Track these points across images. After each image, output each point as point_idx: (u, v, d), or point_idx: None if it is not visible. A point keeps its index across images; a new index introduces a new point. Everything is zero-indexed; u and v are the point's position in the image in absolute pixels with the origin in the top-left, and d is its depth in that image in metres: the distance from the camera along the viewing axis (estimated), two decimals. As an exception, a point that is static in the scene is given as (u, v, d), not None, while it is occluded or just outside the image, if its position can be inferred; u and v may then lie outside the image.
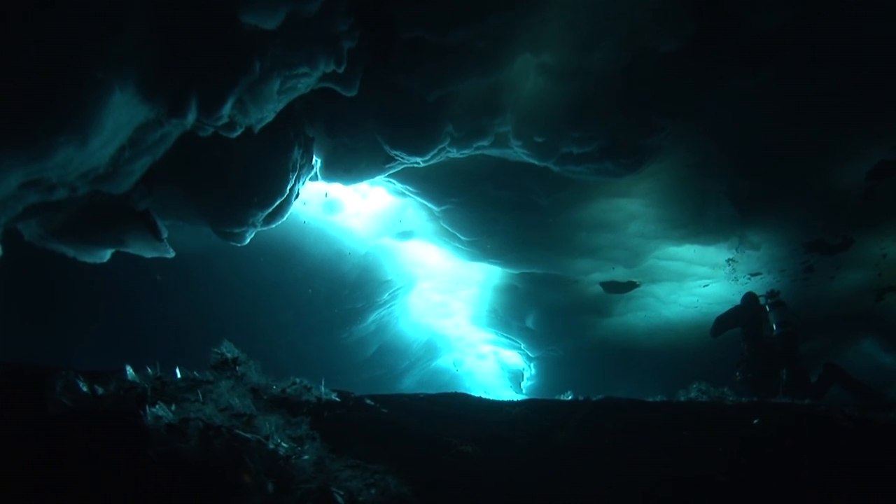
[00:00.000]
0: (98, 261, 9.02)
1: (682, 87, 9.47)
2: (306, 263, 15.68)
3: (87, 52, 4.86)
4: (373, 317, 18.91)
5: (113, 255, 9.22)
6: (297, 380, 3.94)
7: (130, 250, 9.21)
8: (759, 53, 9.03)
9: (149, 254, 9.44)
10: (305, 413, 3.21)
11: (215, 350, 3.68)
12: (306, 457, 2.55)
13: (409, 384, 23.53)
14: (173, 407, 2.53)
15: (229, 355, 3.66)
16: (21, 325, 12.40)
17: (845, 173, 11.68)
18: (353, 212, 15.91)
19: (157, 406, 2.47)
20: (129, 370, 3.03)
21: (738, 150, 11.33)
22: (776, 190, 12.28)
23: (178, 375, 3.36)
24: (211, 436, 2.37)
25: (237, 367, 3.62)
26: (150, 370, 3.24)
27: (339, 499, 2.44)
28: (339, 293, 16.98)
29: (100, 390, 2.70)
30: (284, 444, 2.53)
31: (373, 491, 2.63)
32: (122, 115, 5.54)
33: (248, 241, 9.77)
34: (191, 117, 6.18)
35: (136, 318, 13.62)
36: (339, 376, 18.45)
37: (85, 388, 2.71)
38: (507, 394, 27.52)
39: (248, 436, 2.43)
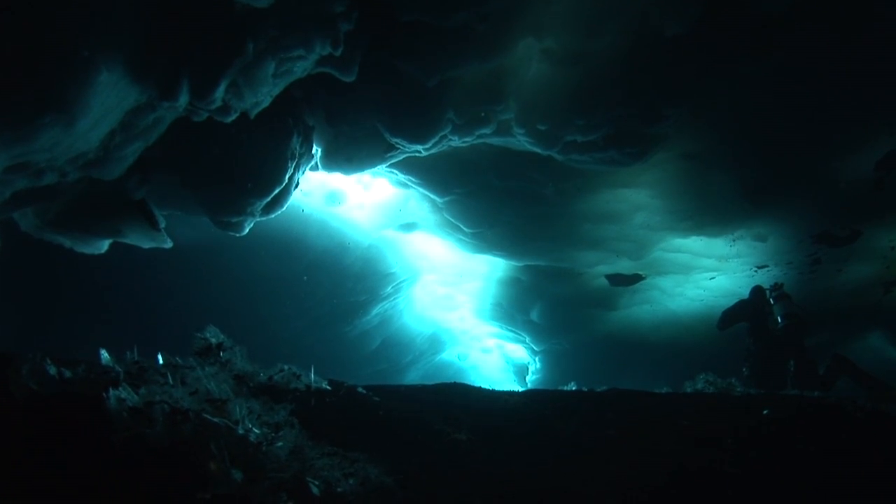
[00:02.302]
0: (95, 252, 8.92)
1: (688, 73, 9.27)
2: (309, 256, 15.53)
3: (71, 30, 4.71)
4: (376, 310, 18.76)
5: (115, 249, 9.14)
6: (286, 367, 3.79)
7: (128, 241, 9.10)
8: (766, 38, 8.83)
9: (146, 244, 9.34)
10: (290, 400, 3.04)
11: (199, 335, 3.52)
12: (280, 443, 2.39)
13: (413, 378, 23.39)
14: (143, 390, 2.38)
15: (213, 340, 3.50)
16: (24, 322, 12.32)
17: (853, 164, 11.48)
18: (355, 203, 15.74)
19: (120, 388, 2.32)
20: (104, 354, 2.88)
21: (745, 140, 11.14)
22: (783, 180, 12.09)
23: (161, 361, 3.20)
24: (178, 420, 2.22)
25: (221, 353, 3.46)
26: (128, 355, 3.08)
27: (314, 489, 2.28)
28: (342, 286, 16.83)
29: (67, 373, 2.55)
30: (256, 430, 2.37)
31: (351, 481, 2.46)
32: (111, 96, 5.39)
33: (246, 230, 9.63)
34: (183, 100, 6.03)
35: (139, 312, 13.51)
36: (342, 370, 18.32)
37: (53, 372, 2.55)
38: (512, 388, 27.38)
39: (216, 420, 2.27)
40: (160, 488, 2.07)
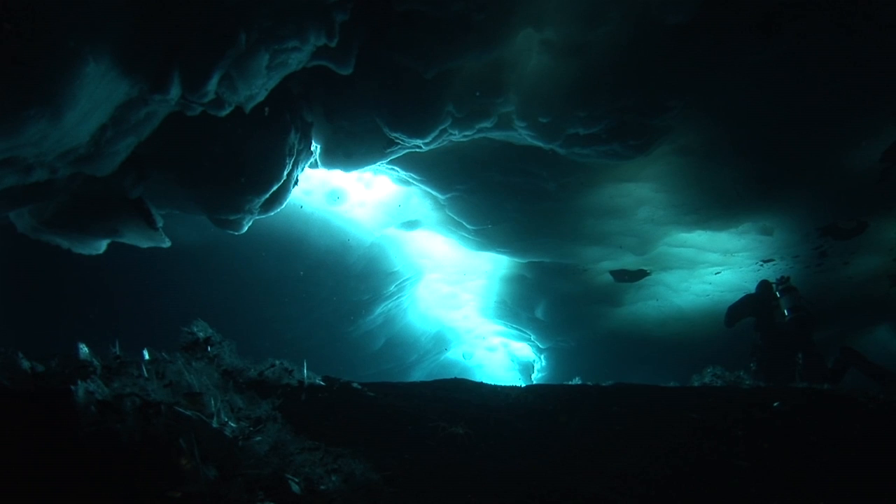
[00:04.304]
0: (93, 252, 8.85)
1: (691, 63, 9.12)
2: (311, 255, 15.43)
3: (56, 19, 4.58)
4: (380, 309, 18.66)
5: (118, 250, 9.06)
6: (277, 362, 3.65)
7: (125, 240, 9.01)
8: (770, 25, 8.66)
9: (144, 244, 9.24)
10: (280, 395, 2.91)
11: (185, 329, 3.38)
12: (259, 438, 2.25)
13: (418, 377, 23.24)
14: (116, 384, 2.24)
15: (201, 335, 3.36)
16: (28, 324, 12.26)
17: (859, 155, 11.31)
18: (357, 201, 15.62)
19: (88, 381, 2.18)
20: (83, 348, 2.75)
21: (749, 132, 10.97)
22: (788, 172, 11.93)
23: (147, 356, 3.07)
24: (150, 414, 2.09)
25: (209, 348, 3.33)
26: (111, 350, 2.95)
27: (294, 487, 2.14)
28: (345, 285, 16.71)
29: (40, 368, 2.42)
30: (232, 424, 2.23)
31: (334, 478, 2.32)
32: (100, 89, 5.26)
33: (245, 228, 9.52)
34: (174, 93, 5.90)
35: (143, 313, 13.42)
36: (348, 370, 18.21)
37: (26, 366, 2.43)
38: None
39: (189, 413, 2.14)
40: (128, 487, 1.95)
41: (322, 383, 3.88)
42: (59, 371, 2.45)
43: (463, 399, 4.60)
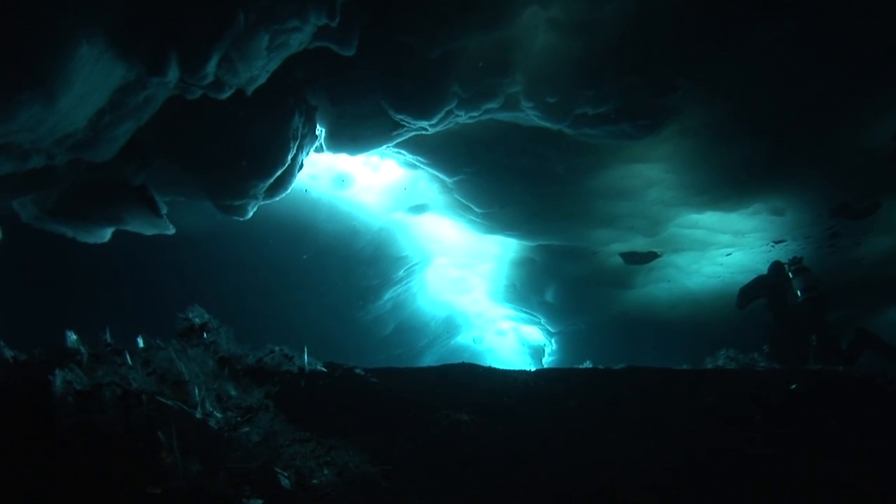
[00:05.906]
0: (98, 241, 8.79)
1: (699, 41, 8.96)
2: (319, 241, 15.35)
3: (47, 1, 4.46)
4: (389, 294, 18.59)
5: (124, 239, 9.00)
6: (277, 348, 3.55)
7: (129, 228, 8.95)
8: (780, 2, 8.46)
9: (149, 231, 9.18)
10: (277, 383, 2.80)
11: (181, 315, 3.27)
12: (246, 429, 2.13)
13: (428, 362, 23.24)
14: (99, 373, 2.13)
15: (197, 321, 3.26)
16: (36, 314, 12.24)
17: (871, 133, 11.09)
18: (364, 186, 15.53)
19: (66, 370, 2.07)
20: (71, 336, 2.64)
21: (760, 111, 10.79)
22: (799, 152, 11.74)
23: (141, 344, 2.97)
24: (131, 405, 1.98)
25: (205, 334, 3.22)
26: (102, 336, 2.85)
27: (284, 481, 2.03)
28: (354, 270, 16.65)
29: (22, 357, 2.32)
30: (218, 414, 2.12)
31: (326, 471, 2.21)
32: (95, 72, 5.14)
33: (250, 214, 9.43)
34: (172, 75, 5.77)
35: (151, 301, 13.37)
36: (358, 356, 18.15)
37: (8, 355, 2.32)
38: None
39: (170, 403, 2.03)
40: (106, 482, 1.84)
41: (323, 370, 3.78)
42: (42, 360, 2.35)
43: (470, 384, 4.49)
